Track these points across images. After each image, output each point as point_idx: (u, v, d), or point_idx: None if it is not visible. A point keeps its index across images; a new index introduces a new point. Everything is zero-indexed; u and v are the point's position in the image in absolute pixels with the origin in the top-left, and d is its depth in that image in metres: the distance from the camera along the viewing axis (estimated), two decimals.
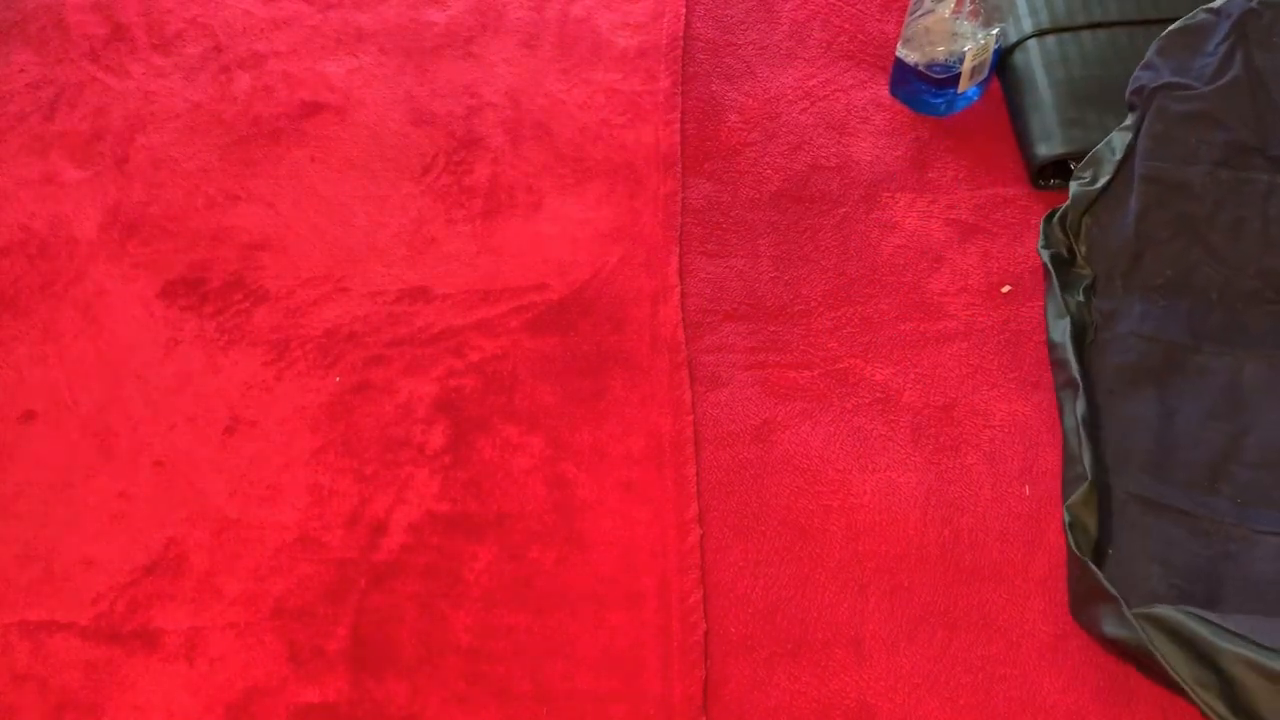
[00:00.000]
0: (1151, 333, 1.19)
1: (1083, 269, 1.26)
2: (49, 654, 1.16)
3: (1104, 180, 1.27)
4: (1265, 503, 1.09)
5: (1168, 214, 1.23)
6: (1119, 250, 1.23)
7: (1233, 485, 1.10)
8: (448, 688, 1.13)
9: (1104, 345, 1.20)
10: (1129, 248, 1.23)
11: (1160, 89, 1.28)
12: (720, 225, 1.44)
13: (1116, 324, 1.20)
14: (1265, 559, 1.05)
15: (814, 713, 1.11)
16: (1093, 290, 1.24)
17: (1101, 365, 1.18)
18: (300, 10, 1.67)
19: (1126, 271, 1.23)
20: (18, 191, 1.51)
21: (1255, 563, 1.05)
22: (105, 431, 1.30)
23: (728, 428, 1.28)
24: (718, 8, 1.64)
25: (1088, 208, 1.27)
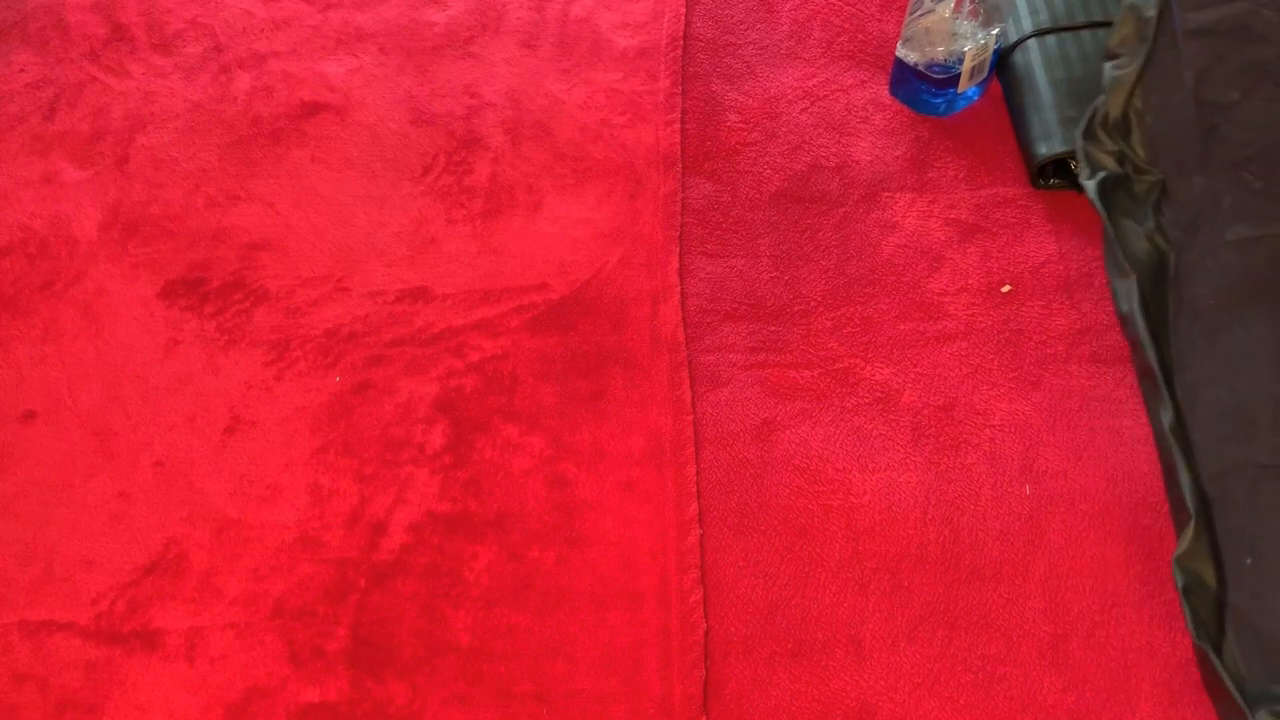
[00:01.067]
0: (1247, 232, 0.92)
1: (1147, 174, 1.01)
2: (49, 654, 1.16)
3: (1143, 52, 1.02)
4: None
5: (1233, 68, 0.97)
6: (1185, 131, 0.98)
7: None
8: (448, 688, 1.13)
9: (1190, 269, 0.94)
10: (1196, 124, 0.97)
11: None
12: (720, 225, 1.44)
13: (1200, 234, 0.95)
14: None
15: (814, 713, 1.11)
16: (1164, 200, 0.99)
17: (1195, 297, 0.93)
18: (300, 10, 1.67)
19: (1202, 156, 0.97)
20: (18, 191, 1.51)
21: None
22: (105, 431, 1.30)
23: (728, 428, 1.28)
24: (718, 8, 1.64)
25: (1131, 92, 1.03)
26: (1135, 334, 0.98)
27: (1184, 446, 0.93)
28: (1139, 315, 0.98)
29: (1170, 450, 0.93)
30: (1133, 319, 0.99)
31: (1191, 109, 0.98)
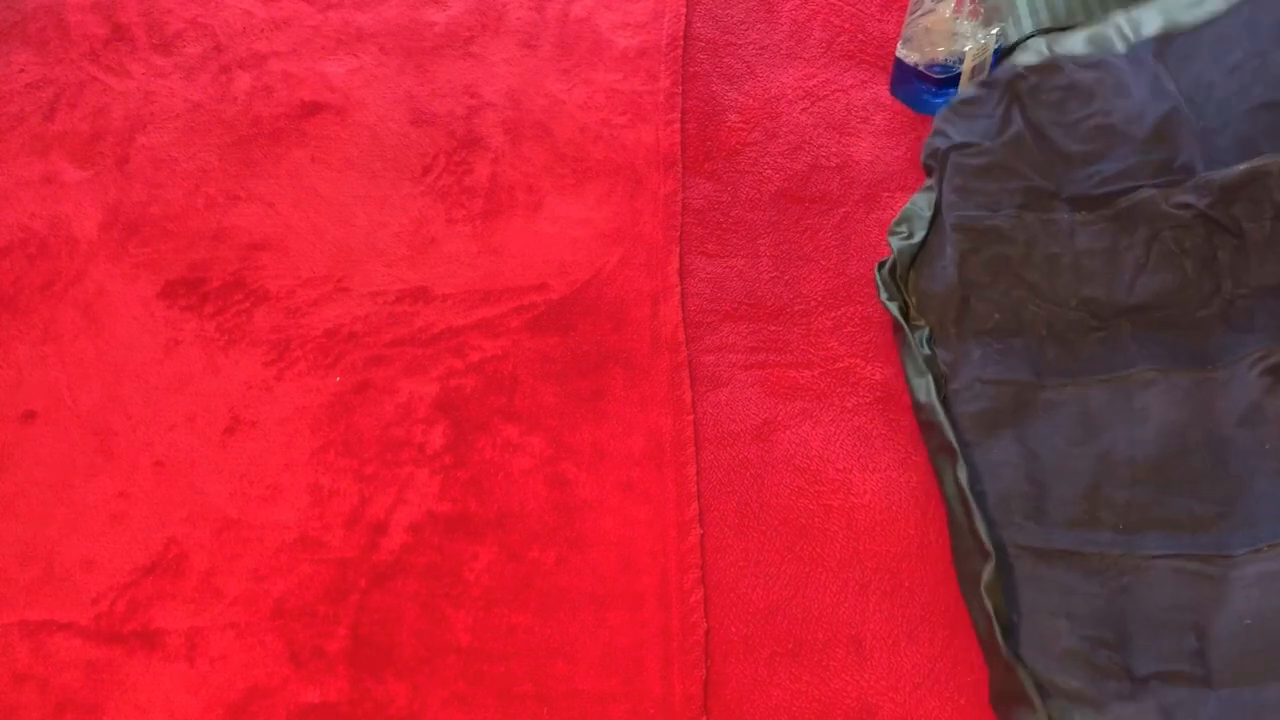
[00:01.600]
0: (995, 376, 1.19)
1: (919, 320, 1.28)
2: (49, 654, 1.16)
3: (920, 235, 1.30)
4: (1146, 524, 1.09)
5: (985, 258, 1.25)
6: (947, 299, 1.25)
7: (1112, 510, 1.11)
8: (448, 688, 1.13)
9: (954, 396, 1.20)
10: (955, 295, 1.24)
11: (952, 149, 1.32)
12: (720, 225, 1.44)
13: (960, 373, 1.21)
14: (1158, 585, 1.06)
15: (814, 713, 1.11)
16: (933, 341, 1.25)
17: (958, 416, 1.19)
18: (300, 10, 1.67)
19: (957, 319, 1.24)
20: (18, 191, 1.51)
21: (1150, 592, 1.06)
22: (105, 431, 1.30)
23: (728, 428, 1.28)
24: (718, 8, 1.64)
25: (911, 262, 1.30)
26: (934, 419, 1.20)
27: (980, 502, 1.14)
28: (937, 404, 1.20)
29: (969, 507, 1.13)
30: (931, 408, 1.21)
31: (954, 282, 1.25)
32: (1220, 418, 1.13)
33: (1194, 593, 1.05)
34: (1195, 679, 1.01)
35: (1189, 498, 1.10)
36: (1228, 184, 1.20)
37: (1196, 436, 1.12)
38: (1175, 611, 1.05)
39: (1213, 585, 1.05)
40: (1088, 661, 1.03)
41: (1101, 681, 1.02)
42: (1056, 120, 1.32)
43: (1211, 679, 1.01)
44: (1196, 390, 1.15)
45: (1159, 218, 1.22)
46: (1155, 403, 1.15)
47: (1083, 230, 1.25)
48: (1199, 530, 1.08)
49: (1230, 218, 1.19)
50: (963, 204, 1.29)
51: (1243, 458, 1.10)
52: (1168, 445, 1.12)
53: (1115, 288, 1.22)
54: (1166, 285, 1.20)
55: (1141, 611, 1.06)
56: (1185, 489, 1.10)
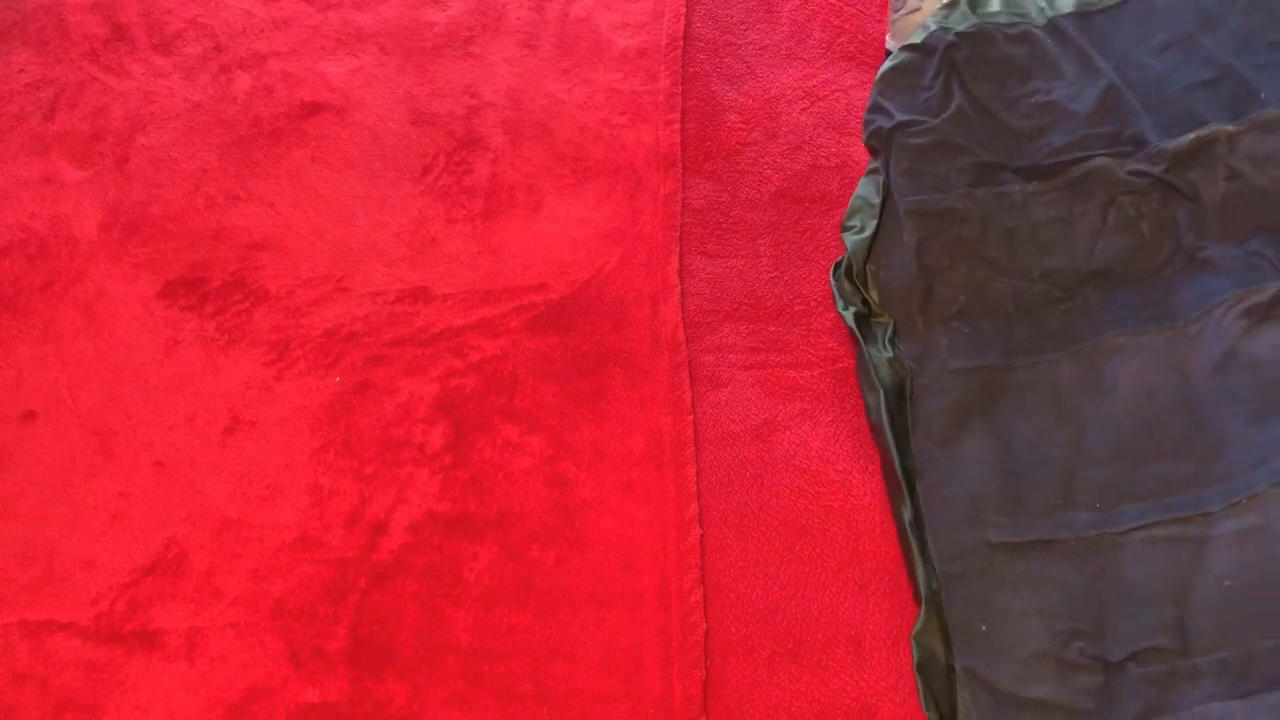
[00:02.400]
0: (963, 364, 1.18)
1: (881, 317, 1.26)
2: (49, 654, 1.16)
3: (872, 225, 1.28)
4: (1121, 497, 1.09)
5: (943, 241, 1.24)
6: (909, 288, 1.23)
7: (1088, 491, 1.10)
8: (448, 688, 1.13)
9: (922, 392, 1.18)
10: (918, 283, 1.23)
11: (895, 129, 1.30)
12: (720, 225, 1.44)
13: (928, 366, 1.20)
14: (1134, 560, 1.06)
15: (814, 713, 1.11)
16: (897, 337, 1.23)
17: (927, 414, 1.17)
18: (300, 10, 1.67)
19: (922, 307, 1.23)
20: (18, 191, 1.51)
21: (1127, 569, 1.05)
22: (105, 431, 1.30)
23: (728, 428, 1.28)
24: (718, 8, 1.64)
25: (868, 255, 1.28)
26: (883, 442, 1.18)
27: (920, 540, 1.13)
28: (886, 426, 1.18)
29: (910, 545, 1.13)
30: (881, 429, 1.19)
31: (914, 270, 1.23)
32: (1192, 372, 1.13)
33: (1171, 560, 1.05)
34: (1173, 652, 1.01)
35: (1164, 463, 1.10)
36: (1179, 151, 1.23)
37: (1168, 398, 1.12)
38: (1153, 584, 1.04)
39: (1191, 548, 1.05)
40: (1057, 660, 1.02)
41: (1070, 679, 1.02)
42: (998, 95, 1.31)
43: (1190, 650, 1.00)
44: (1167, 348, 1.15)
45: (1115, 184, 1.23)
46: (1123, 369, 1.15)
47: (1035, 201, 1.25)
48: (1176, 492, 1.08)
49: (1186, 181, 1.22)
50: (913, 187, 1.27)
51: (1215, 409, 1.11)
52: (1139, 415, 1.12)
53: (1075, 255, 1.22)
54: (1126, 248, 1.21)
55: (1118, 591, 1.05)
56: (1159, 455, 1.10)
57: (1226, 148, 1.22)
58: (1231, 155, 1.22)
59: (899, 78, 1.34)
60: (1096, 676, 1.01)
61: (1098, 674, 1.01)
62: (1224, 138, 1.23)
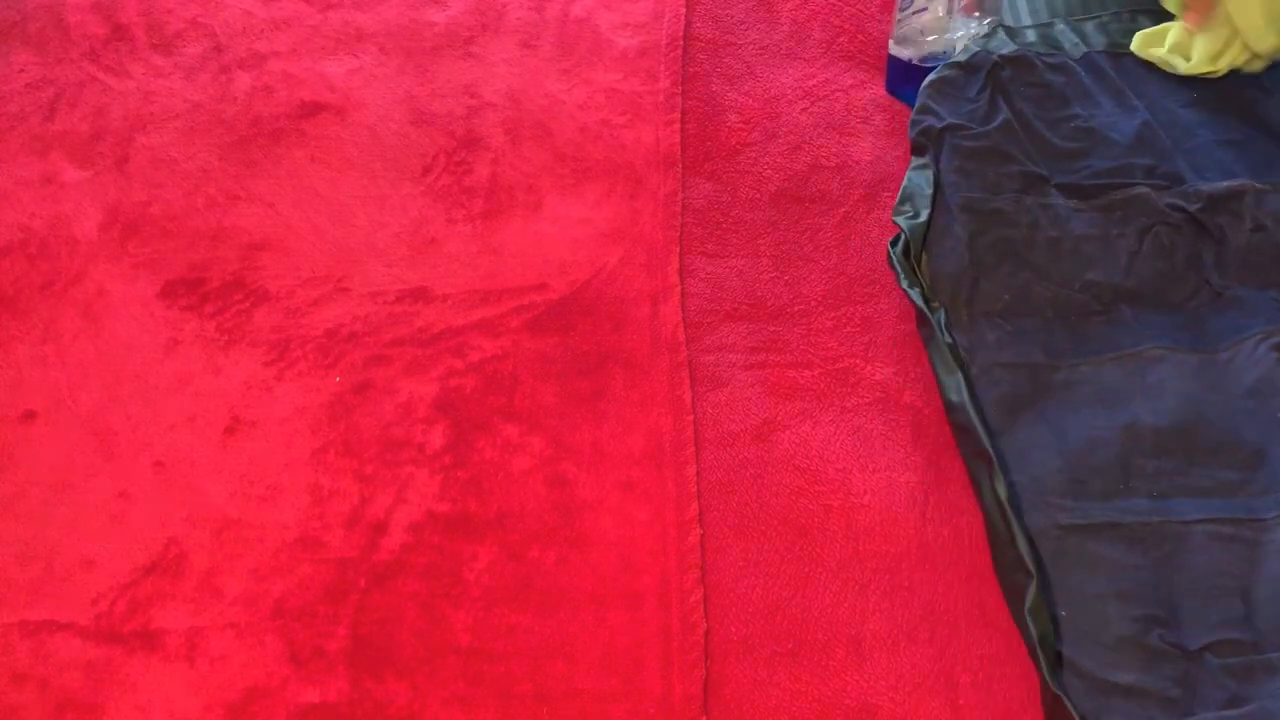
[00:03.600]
0: (1011, 359, 1.22)
1: (934, 303, 1.28)
2: (49, 654, 1.16)
3: (925, 213, 1.31)
4: (1177, 490, 1.12)
5: (991, 239, 1.29)
6: (959, 278, 1.27)
7: (1143, 479, 1.13)
8: (448, 688, 1.13)
9: (976, 380, 1.21)
10: (967, 274, 1.27)
11: (946, 129, 1.36)
12: (720, 225, 1.44)
13: (978, 357, 1.23)
14: (1199, 550, 1.08)
15: (814, 713, 1.11)
16: (949, 325, 1.25)
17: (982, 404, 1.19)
18: (300, 10, 1.67)
19: (969, 299, 1.26)
20: (18, 191, 1.51)
21: (1193, 558, 1.08)
22: (105, 431, 1.30)
23: (728, 428, 1.28)
24: (718, 8, 1.64)
25: (922, 238, 1.31)
26: (967, 420, 1.17)
27: (1018, 514, 1.12)
28: (969, 405, 1.17)
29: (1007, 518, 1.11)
30: (964, 408, 1.18)
31: (965, 261, 1.27)
32: (1230, 392, 1.17)
33: (1233, 556, 1.07)
34: (1245, 645, 1.02)
35: (1213, 465, 1.13)
36: (1214, 195, 1.29)
37: (1212, 409, 1.16)
38: (1219, 577, 1.07)
39: (1249, 549, 1.08)
40: (1140, 646, 1.03)
41: (1156, 667, 1.02)
42: (1040, 116, 1.36)
43: (1264, 645, 1.02)
44: (1204, 370, 1.19)
45: (1153, 213, 1.29)
46: (1168, 376, 1.19)
47: (1077, 216, 1.30)
48: (1228, 495, 1.12)
49: (1215, 224, 1.27)
50: (965, 185, 1.32)
51: (1257, 427, 1.15)
52: (1186, 415, 1.16)
53: (1113, 272, 1.26)
54: (1159, 273, 1.26)
55: (1186, 579, 1.07)
56: (1208, 457, 1.13)
57: (1254, 201, 1.28)
58: (1258, 209, 1.28)
59: (946, 87, 1.40)
60: (1179, 665, 1.02)
61: (1180, 662, 1.02)
62: (1252, 191, 1.28)
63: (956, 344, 1.23)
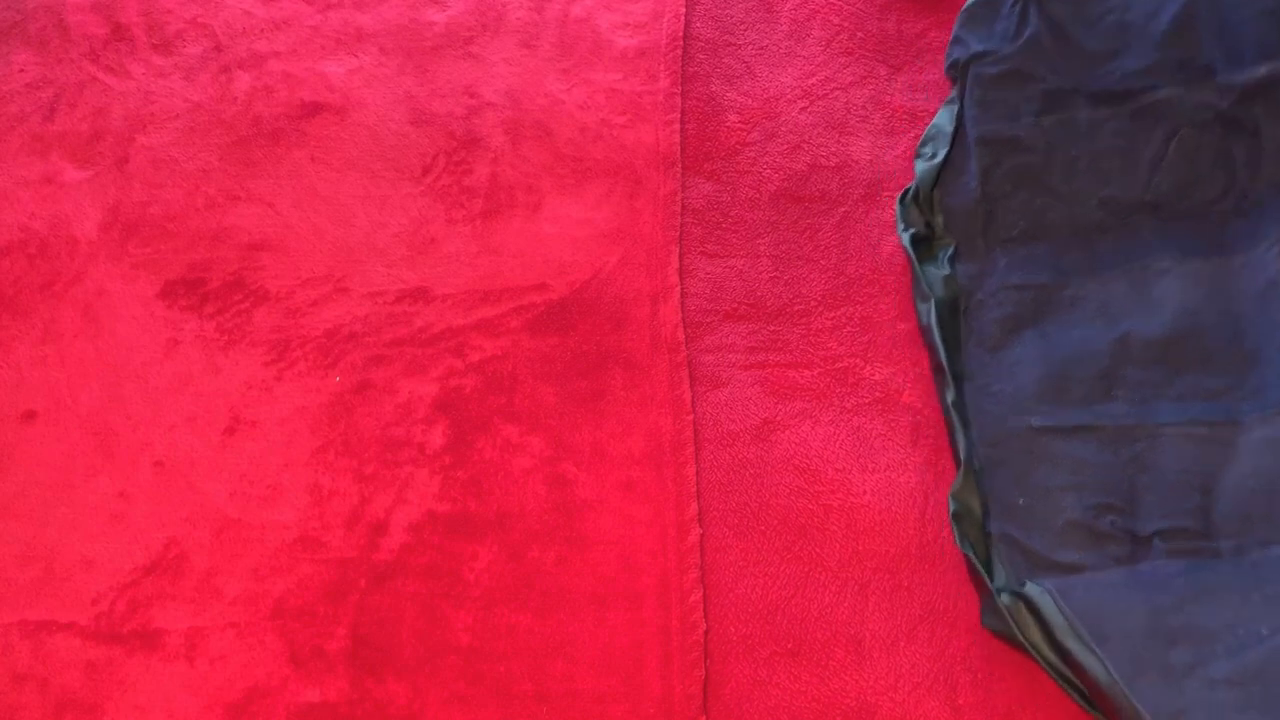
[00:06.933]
0: (1020, 281, 1.28)
1: (944, 239, 1.34)
2: (49, 654, 1.16)
3: (943, 152, 1.37)
4: (1159, 397, 1.18)
5: (1006, 170, 1.33)
6: (972, 212, 1.33)
7: (1126, 387, 1.19)
8: (448, 688, 1.13)
9: (979, 306, 1.29)
10: (980, 208, 1.32)
11: (971, 59, 1.38)
12: (720, 225, 1.44)
13: (985, 283, 1.30)
14: (1169, 451, 1.14)
15: (814, 712, 1.11)
16: (957, 258, 1.32)
17: (982, 324, 1.27)
18: (300, 10, 1.67)
19: (984, 229, 1.32)
20: (18, 191, 1.51)
21: (1161, 458, 1.14)
22: (105, 431, 1.30)
23: (728, 428, 1.28)
24: (718, 8, 1.64)
25: (935, 181, 1.37)
26: (932, 341, 1.28)
27: (961, 418, 1.23)
28: (935, 328, 1.28)
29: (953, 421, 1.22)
30: (930, 330, 1.28)
31: (978, 195, 1.33)
32: (1234, 298, 1.20)
33: (1202, 454, 1.13)
34: (1196, 533, 1.09)
35: (1200, 373, 1.18)
36: (1248, 85, 1.27)
37: (1211, 316, 1.20)
38: (1184, 474, 1.13)
39: (1221, 449, 1.13)
40: (1089, 531, 1.12)
41: (1100, 548, 1.11)
42: (1075, 16, 1.36)
43: (1213, 533, 1.09)
44: (1213, 276, 1.22)
45: (1180, 115, 1.29)
46: (1171, 290, 1.22)
47: (1100, 128, 1.32)
48: (1210, 399, 1.16)
49: (1250, 116, 1.27)
50: (984, 117, 1.36)
51: (1256, 330, 1.18)
52: (1181, 329, 1.20)
53: (1133, 185, 1.28)
54: (1183, 178, 1.27)
55: (1151, 476, 1.14)
56: (1197, 365, 1.18)
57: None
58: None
59: (978, 10, 1.41)
60: (1125, 547, 1.10)
61: (1126, 544, 1.10)
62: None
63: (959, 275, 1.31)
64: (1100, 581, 1.09)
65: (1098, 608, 1.08)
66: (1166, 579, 1.08)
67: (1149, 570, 1.09)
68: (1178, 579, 1.08)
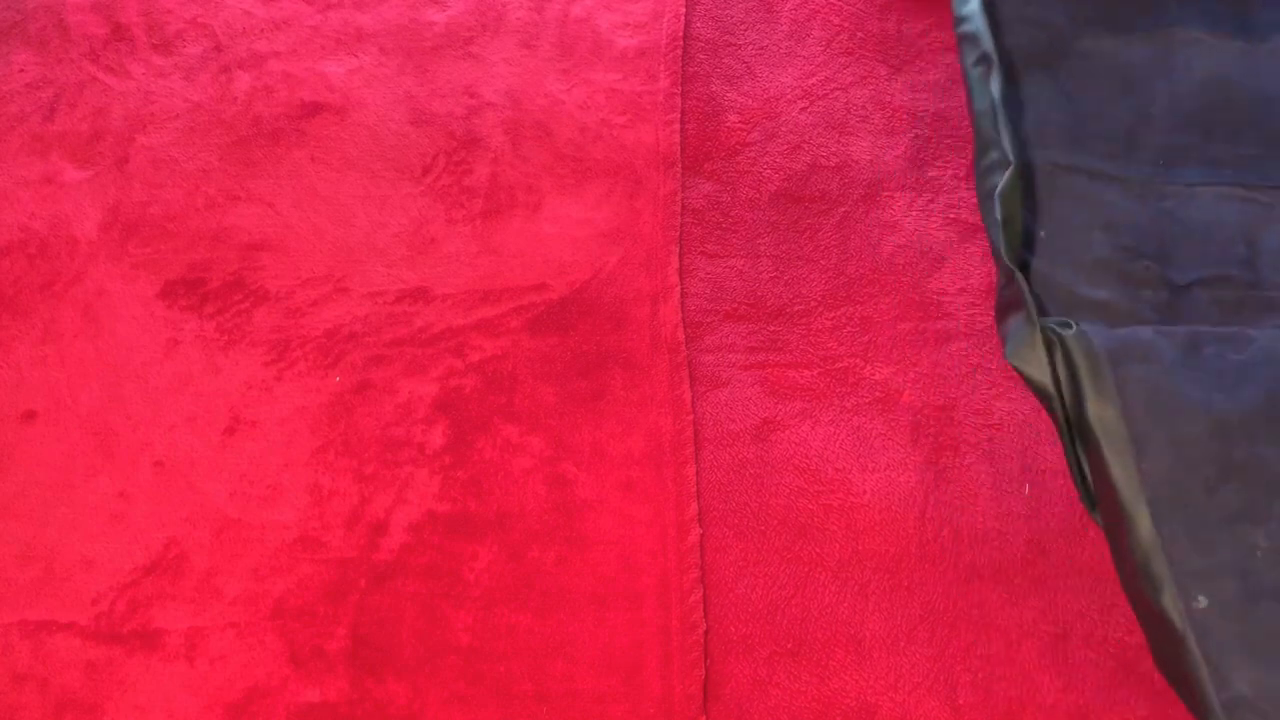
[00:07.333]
0: (1035, 15, 1.19)
1: None
2: (49, 654, 1.16)
3: None
4: (1188, 161, 1.11)
5: None
6: None
7: (1150, 150, 1.11)
8: (448, 688, 1.13)
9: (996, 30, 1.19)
10: None
11: None
12: (720, 225, 1.44)
13: (1004, 7, 1.21)
14: (1203, 208, 1.07)
15: (814, 712, 1.11)
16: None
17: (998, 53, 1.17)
18: (300, 10, 1.67)
19: None
20: (18, 191, 1.51)
21: (1195, 213, 1.06)
22: (105, 431, 1.30)
23: (728, 428, 1.28)
24: (718, 8, 1.64)
25: None
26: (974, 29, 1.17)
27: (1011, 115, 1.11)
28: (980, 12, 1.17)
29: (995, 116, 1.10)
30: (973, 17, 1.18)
31: None
32: (1264, 76, 1.15)
33: (1241, 214, 1.06)
34: (1245, 283, 1.01)
35: (1230, 142, 1.12)
36: None
37: (1242, 94, 1.14)
38: (1224, 228, 1.05)
39: (1261, 209, 1.06)
40: (1121, 272, 1.01)
41: (1134, 290, 1.00)
42: None
43: (1263, 283, 1.01)
44: (1242, 54, 1.17)
45: None
46: (1199, 59, 1.17)
47: None
48: (1242, 165, 1.10)
49: None
50: None
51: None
52: (1209, 96, 1.14)
53: None
54: None
55: (1186, 229, 1.05)
56: (1227, 133, 1.12)
57: None
58: None
59: None
60: (1161, 293, 1.00)
61: (1163, 291, 1.00)
62: None
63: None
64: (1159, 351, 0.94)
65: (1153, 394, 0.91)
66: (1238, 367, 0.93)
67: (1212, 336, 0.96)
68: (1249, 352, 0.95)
